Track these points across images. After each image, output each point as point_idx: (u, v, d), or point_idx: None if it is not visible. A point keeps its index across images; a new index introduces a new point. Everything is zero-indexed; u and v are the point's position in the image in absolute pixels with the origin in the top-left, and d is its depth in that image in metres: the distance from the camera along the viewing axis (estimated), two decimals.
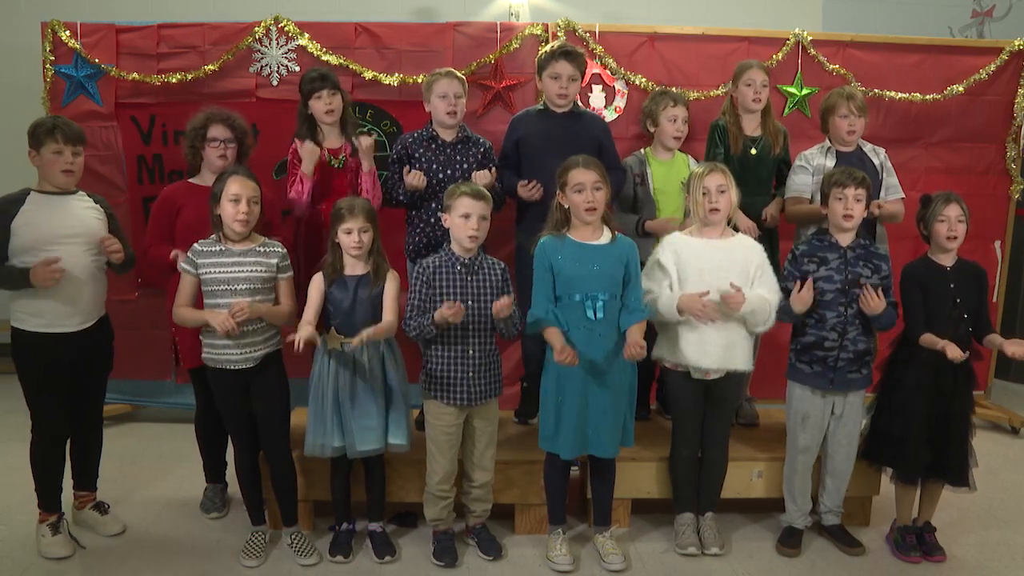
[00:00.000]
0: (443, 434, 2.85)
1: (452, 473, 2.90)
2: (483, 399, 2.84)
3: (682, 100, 3.52)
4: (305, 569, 2.87)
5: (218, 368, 2.81)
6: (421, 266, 2.83)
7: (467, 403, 2.82)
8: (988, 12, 6.10)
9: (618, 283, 2.79)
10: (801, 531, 3.07)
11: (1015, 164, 4.38)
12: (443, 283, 2.79)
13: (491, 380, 2.87)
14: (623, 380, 2.82)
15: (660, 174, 3.49)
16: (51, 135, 2.81)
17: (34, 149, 2.84)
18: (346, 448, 2.83)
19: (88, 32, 4.05)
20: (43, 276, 2.70)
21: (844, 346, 2.88)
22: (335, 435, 2.81)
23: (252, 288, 2.78)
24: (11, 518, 3.17)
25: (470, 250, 2.82)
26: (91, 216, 2.92)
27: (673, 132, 3.47)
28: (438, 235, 3.18)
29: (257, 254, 2.82)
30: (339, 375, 2.81)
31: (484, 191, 2.83)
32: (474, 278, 2.81)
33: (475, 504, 2.98)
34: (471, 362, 2.80)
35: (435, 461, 2.88)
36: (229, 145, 3.17)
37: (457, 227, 2.79)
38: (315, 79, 3.24)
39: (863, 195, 2.89)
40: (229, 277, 2.77)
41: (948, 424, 2.85)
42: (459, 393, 2.81)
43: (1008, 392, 5.04)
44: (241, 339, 2.76)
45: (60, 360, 2.85)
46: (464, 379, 2.80)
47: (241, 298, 2.74)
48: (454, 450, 2.88)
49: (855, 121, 3.40)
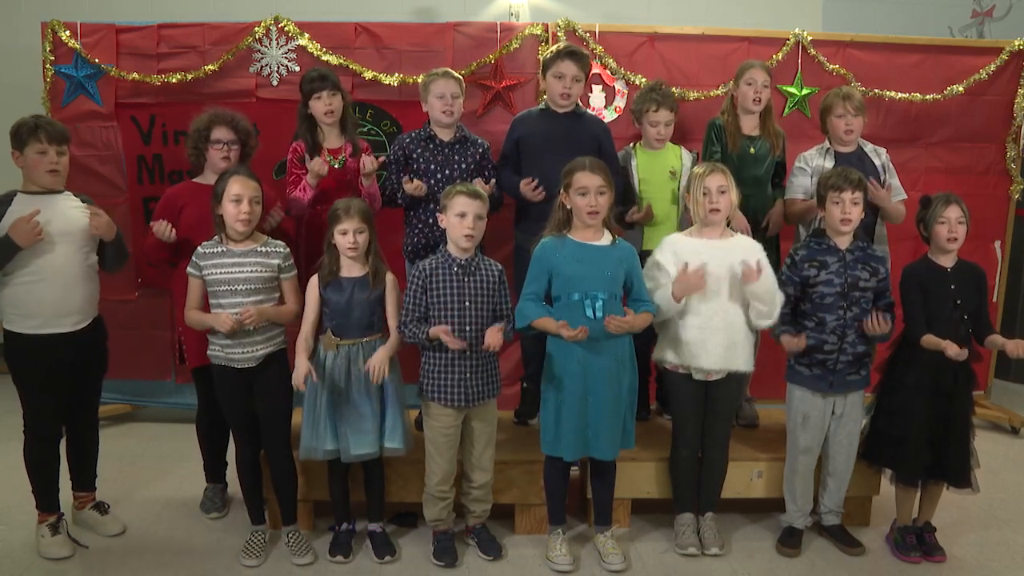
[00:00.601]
0: (441, 435, 2.85)
1: (451, 474, 2.90)
2: (481, 400, 2.84)
3: (667, 103, 3.45)
4: (304, 569, 2.87)
5: (222, 366, 2.82)
6: (417, 268, 2.83)
7: (464, 404, 2.82)
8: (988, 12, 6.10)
9: (618, 284, 2.79)
10: (801, 531, 3.07)
11: (1015, 164, 4.38)
12: (440, 285, 2.78)
13: (488, 381, 2.87)
14: (623, 381, 2.82)
15: (644, 163, 3.49)
16: (34, 135, 2.78)
17: (17, 150, 2.81)
18: (340, 452, 2.83)
19: (88, 32, 4.04)
20: (24, 233, 2.67)
21: (843, 349, 2.88)
22: (328, 438, 2.81)
23: (253, 288, 2.78)
24: (11, 518, 3.17)
25: (467, 250, 2.81)
26: (79, 215, 2.88)
27: (655, 136, 3.48)
28: (436, 235, 3.17)
29: (259, 254, 2.82)
30: (334, 378, 2.80)
31: (480, 190, 2.83)
32: (471, 279, 2.80)
33: (475, 504, 2.98)
34: (468, 364, 2.80)
35: (434, 462, 2.88)
36: (232, 146, 3.17)
37: (453, 226, 2.78)
38: (315, 79, 3.24)
39: (860, 198, 2.89)
40: (230, 278, 2.77)
41: (949, 425, 2.85)
42: (457, 394, 2.80)
43: (1008, 392, 5.04)
44: (243, 338, 2.77)
45: (57, 361, 2.84)
46: (462, 380, 2.80)
47: (242, 299, 2.75)
48: (452, 451, 2.88)
49: (852, 120, 3.39)
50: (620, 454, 2.91)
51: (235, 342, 2.77)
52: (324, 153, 3.26)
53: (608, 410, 2.78)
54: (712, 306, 2.86)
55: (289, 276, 2.89)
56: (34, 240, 2.69)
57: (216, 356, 2.83)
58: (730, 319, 2.87)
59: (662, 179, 3.46)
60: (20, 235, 2.68)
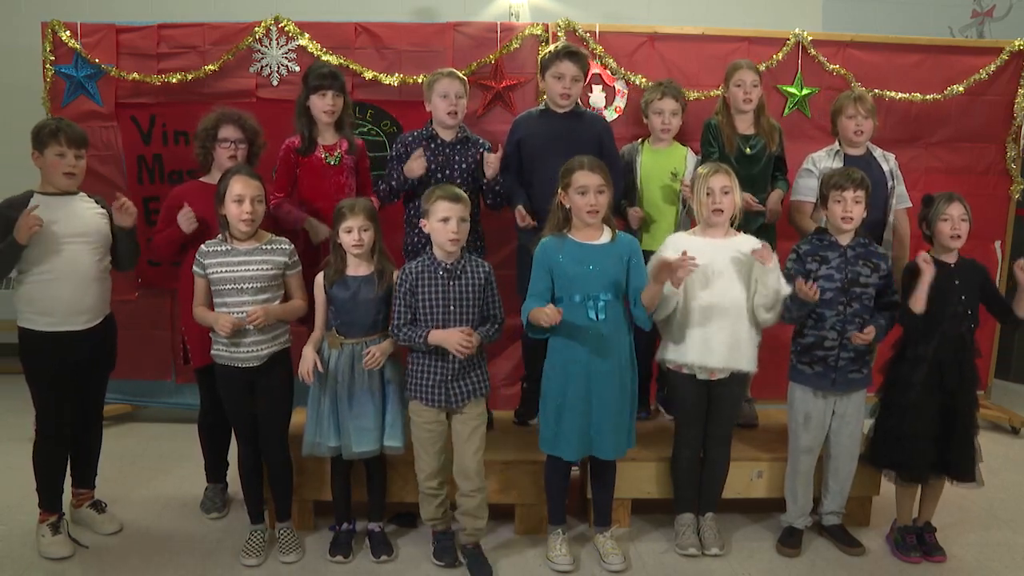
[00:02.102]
0: (425, 431, 2.82)
1: (439, 470, 2.85)
2: (464, 401, 2.80)
3: (671, 92, 3.50)
4: (303, 568, 2.87)
5: (225, 365, 2.83)
6: (404, 272, 2.79)
7: (445, 405, 2.79)
8: (988, 12, 6.10)
9: (620, 284, 2.78)
10: (801, 531, 3.07)
11: (1015, 164, 4.38)
12: (425, 289, 2.75)
13: (473, 382, 2.82)
14: (625, 381, 2.82)
15: (648, 162, 3.51)
16: (54, 137, 2.81)
17: (37, 151, 2.84)
18: (342, 449, 2.83)
19: (88, 32, 4.05)
20: (22, 229, 2.69)
21: (844, 345, 2.88)
22: (331, 435, 2.82)
23: (259, 287, 2.79)
24: (11, 517, 3.17)
25: (452, 253, 2.77)
26: (94, 216, 2.93)
27: (660, 125, 3.49)
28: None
29: (263, 252, 2.83)
30: (338, 375, 2.81)
31: (461, 193, 2.78)
32: (456, 283, 2.76)
33: (467, 520, 2.86)
34: (450, 367, 2.77)
35: (420, 459, 2.86)
36: (240, 145, 3.18)
37: (437, 231, 2.74)
38: (324, 76, 3.22)
39: (862, 196, 2.89)
40: (236, 276, 2.78)
41: (955, 421, 2.86)
42: (438, 395, 2.78)
43: (1008, 392, 5.03)
44: (245, 337, 2.78)
45: (71, 358, 2.87)
46: (443, 382, 2.77)
47: (249, 297, 2.77)
48: (437, 446, 2.83)
49: (862, 122, 3.41)
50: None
51: (240, 341, 2.77)
52: (320, 149, 3.27)
53: (613, 411, 2.78)
54: (716, 305, 2.86)
55: (295, 272, 2.91)
56: (29, 234, 2.70)
57: (220, 356, 2.83)
58: (733, 318, 2.87)
59: (663, 179, 3.46)
60: (18, 231, 2.70)
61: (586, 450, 2.81)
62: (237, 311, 2.76)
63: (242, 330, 2.76)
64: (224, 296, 2.79)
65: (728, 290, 2.87)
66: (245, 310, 2.75)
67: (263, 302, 2.79)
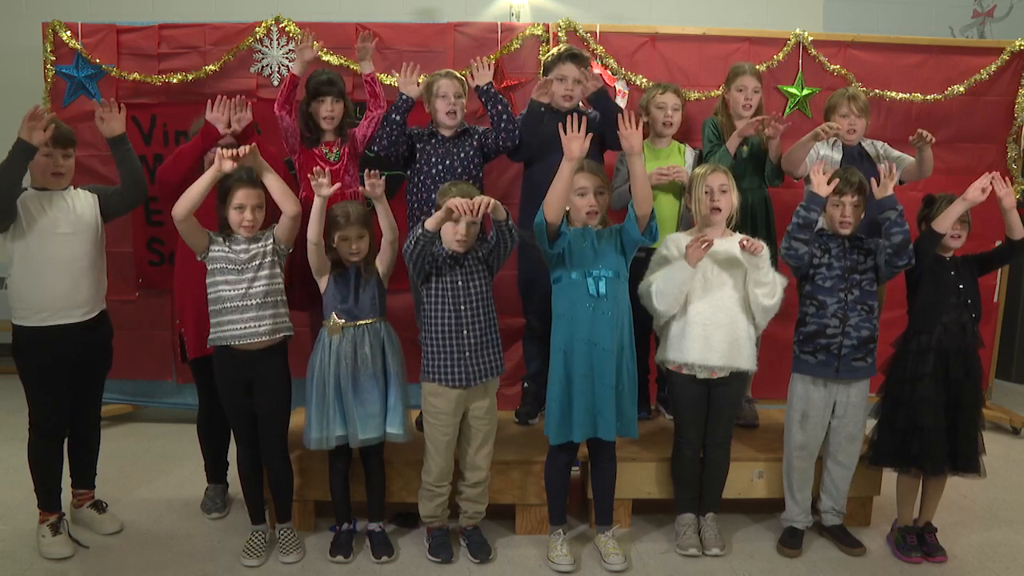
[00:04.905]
0: (441, 433, 2.85)
1: (448, 471, 2.90)
2: (482, 378, 2.84)
3: (672, 88, 3.54)
4: (303, 568, 2.87)
5: (223, 348, 2.81)
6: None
7: (466, 383, 2.82)
8: (989, 12, 6.11)
9: (620, 263, 2.81)
10: (802, 531, 3.07)
11: (1016, 164, 4.38)
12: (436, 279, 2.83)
13: (490, 358, 2.87)
14: (623, 359, 2.82)
15: (648, 162, 3.49)
16: None
17: None
18: (348, 438, 2.84)
19: (89, 32, 4.05)
20: (28, 129, 2.66)
21: (847, 332, 2.90)
22: (338, 424, 2.83)
23: (256, 265, 2.79)
24: (12, 517, 3.17)
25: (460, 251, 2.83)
26: (86, 208, 2.92)
27: (662, 119, 3.51)
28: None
29: (256, 241, 2.85)
30: (340, 363, 2.82)
31: (474, 189, 2.84)
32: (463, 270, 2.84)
33: (467, 505, 2.97)
34: (466, 342, 2.81)
35: (431, 459, 2.88)
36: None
37: (445, 230, 2.80)
38: (324, 82, 3.24)
39: (860, 201, 2.94)
40: (232, 256, 2.79)
41: (959, 412, 2.88)
42: (457, 373, 2.81)
43: (1009, 392, 5.04)
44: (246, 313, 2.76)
45: (64, 352, 2.86)
46: (461, 359, 2.81)
47: (243, 275, 2.77)
48: (450, 449, 2.88)
49: (855, 121, 3.41)
50: (621, 454, 2.92)
51: (240, 316, 2.76)
52: (322, 145, 3.29)
53: (612, 386, 2.78)
54: (715, 303, 2.88)
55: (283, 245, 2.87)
56: (44, 136, 2.68)
57: (217, 337, 2.80)
58: (732, 316, 2.89)
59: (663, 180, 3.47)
60: (27, 133, 2.66)
61: (592, 431, 2.80)
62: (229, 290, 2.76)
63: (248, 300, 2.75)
64: (216, 275, 2.78)
65: (727, 288, 2.90)
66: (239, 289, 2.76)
67: (262, 288, 2.79)
